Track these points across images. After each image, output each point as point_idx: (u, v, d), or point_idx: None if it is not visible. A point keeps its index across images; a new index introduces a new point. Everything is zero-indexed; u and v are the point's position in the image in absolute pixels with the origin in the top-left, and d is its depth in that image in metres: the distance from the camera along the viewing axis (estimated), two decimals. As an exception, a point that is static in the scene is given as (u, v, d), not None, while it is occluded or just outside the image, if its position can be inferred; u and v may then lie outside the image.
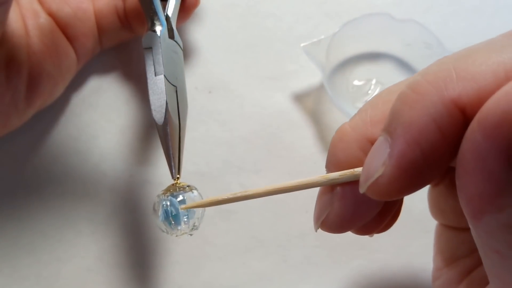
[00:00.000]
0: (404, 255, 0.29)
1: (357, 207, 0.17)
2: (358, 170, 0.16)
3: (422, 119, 0.14)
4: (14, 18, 0.25)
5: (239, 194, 0.18)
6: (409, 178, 0.14)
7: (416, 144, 0.14)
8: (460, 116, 0.13)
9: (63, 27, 0.28)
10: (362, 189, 0.16)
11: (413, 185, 0.15)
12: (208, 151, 0.30)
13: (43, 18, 0.27)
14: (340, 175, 0.17)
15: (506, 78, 0.13)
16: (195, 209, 0.23)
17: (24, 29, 0.26)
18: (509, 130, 0.12)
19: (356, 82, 0.32)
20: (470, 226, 0.14)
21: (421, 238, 0.29)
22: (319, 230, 0.19)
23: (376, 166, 0.15)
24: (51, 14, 0.27)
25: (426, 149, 0.14)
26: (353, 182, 0.17)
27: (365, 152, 0.16)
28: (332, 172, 0.18)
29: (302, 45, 0.30)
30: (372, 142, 0.16)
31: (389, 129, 0.15)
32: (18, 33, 0.25)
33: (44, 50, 0.27)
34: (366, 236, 0.29)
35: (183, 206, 0.22)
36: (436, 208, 0.24)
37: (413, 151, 0.14)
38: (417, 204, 0.30)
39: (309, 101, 0.32)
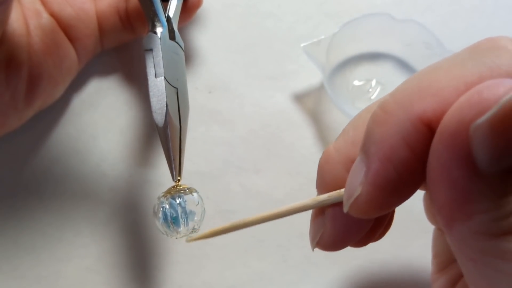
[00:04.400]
0: (404, 255, 0.29)
1: (348, 226, 0.18)
2: (343, 190, 0.17)
3: (391, 137, 0.14)
4: (15, 18, 0.25)
5: (238, 223, 0.19)
6: (385, 195, 0.15)
7: (388, 162, 0.14)
8: (427, 131, 0.14)
9: (65, 27, 0.28)
10: (345, 209, 0.16)
11: (391, 201, 0.15)
12: (208, 151, 0.30)
13: (45, 18, 0.27)
14: (328, 197, 0.17)
15: (466, 90, 0.13)
16: (194, 211, 0.23)
17: (26, 28, 0.26)
18: (465, 139, 0.12)
19: (356, 82, 0.32)
20: (446, 235, 0.14)
21: (421, 238, 0.29)
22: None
23: (355, 185, 0.15)
24: (53, 15, 0.27)
25: (398, 165, 0.14)
26: (341, 203, 0.17)
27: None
28: (321, 193, 0.18)
29: (302, 45, 0.30)
30: None
31: (364, 148, 0.15)
32: (19, 32, 0.25)
33: (45, 50, 0.27)
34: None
35: (189, 239, 0.22)
36: (431, 212, 0.24)
37: (386, 169, 0.14)
38: (417, 204, 0.30)
39: (309, 101, 0.32)
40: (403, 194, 0.15)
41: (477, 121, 0.12)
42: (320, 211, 0.18)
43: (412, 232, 0.29)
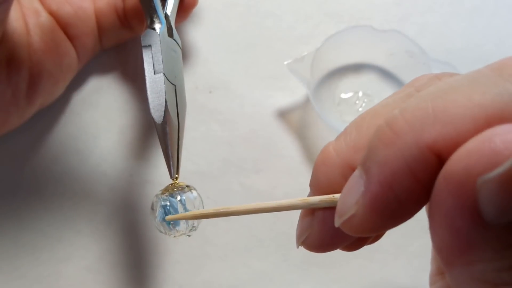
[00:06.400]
0: (404, 255, 0.29)
1: (337, 231, 0.17)
2: (338, 196, 0.16)
3: (396, 161, 0.13)
4: (15, 17, 0.26)
5: (221, 210, 0.19)
6: (382, 219, 0.14)
7: (389, 187, 0.13)
8: (435, 161, 0.13)
9: (64, 26, 0.28)
10: (336, 224, 0.16)
11: (387, 225, 0.15)
12: (209, 151, 0.30)
13: (44, 17, 0.27)
14: (320, 200, 0.17)
15: (486, 124, 0.12)
16: (194, 208, 0.23)
17: (25, 27, 0.26)
18: (471, 190, 0.12)
19: (342, 95, 0.32)
20: (445, 272, 0.14)
21: (421, 238, 0.29)
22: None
23: (350, 203, 0.15)
24: (52, 13, 0.27)
25: (400, 192, 0.13)
26: (333, 208, 0.17)
27: (347, 178, 0.16)
28: (313, 193, 0.18)
29: (285, 62, 0.30)
30: (354, 169, 0.16)
31: (364, 166, 0.14)
32: (19, 31, 0.26)
33: (45, 49, 0.27)
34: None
35: (167, 217, 0.21)
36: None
37: (386, 194, 0.14)
38: (417, 204, 0.30)
39: (310, 101, 0.32)
40: (401, 219, 0.14)
41: (486, 176, 0.11)
42: (310, 211, 0.18)
43: (412, 232, 0.29)
